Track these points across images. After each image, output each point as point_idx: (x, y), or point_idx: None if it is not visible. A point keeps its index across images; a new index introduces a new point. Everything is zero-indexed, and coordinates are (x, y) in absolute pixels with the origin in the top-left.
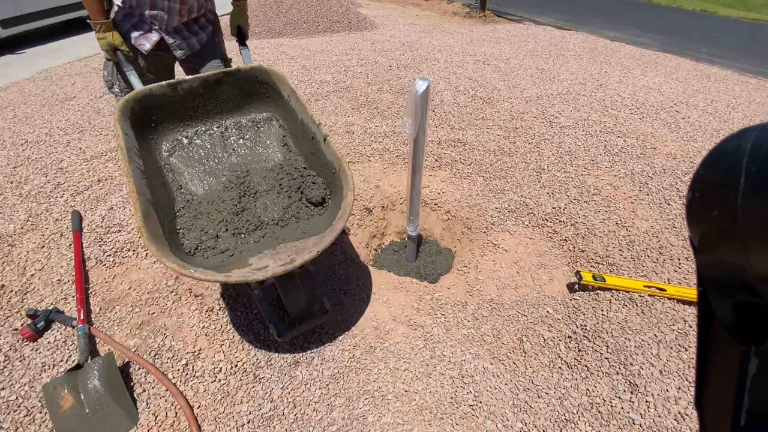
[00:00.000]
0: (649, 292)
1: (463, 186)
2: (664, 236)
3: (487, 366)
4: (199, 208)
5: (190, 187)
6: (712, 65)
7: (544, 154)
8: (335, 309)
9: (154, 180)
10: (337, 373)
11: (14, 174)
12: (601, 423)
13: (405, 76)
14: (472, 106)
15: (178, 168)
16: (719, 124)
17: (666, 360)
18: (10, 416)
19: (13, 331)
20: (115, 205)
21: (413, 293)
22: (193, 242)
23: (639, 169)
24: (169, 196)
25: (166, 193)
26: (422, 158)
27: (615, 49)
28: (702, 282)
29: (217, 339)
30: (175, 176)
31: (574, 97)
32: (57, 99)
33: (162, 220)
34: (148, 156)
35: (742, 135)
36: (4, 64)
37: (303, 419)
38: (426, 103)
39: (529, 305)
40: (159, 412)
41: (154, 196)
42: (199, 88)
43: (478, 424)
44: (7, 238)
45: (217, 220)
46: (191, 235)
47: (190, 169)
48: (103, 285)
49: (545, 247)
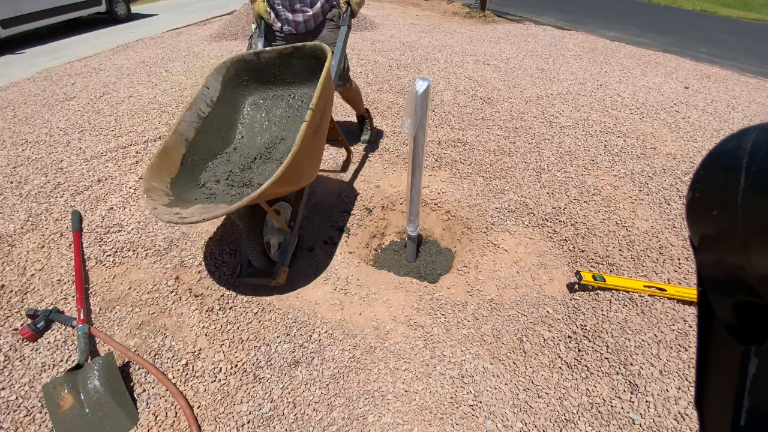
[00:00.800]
0: (649, 292)
1: (463, 186)
2: (664, 236)
3: (487, 366)
4: (229, 156)
5: (239, 138)
6: (712, 65)
7: (544, 154)
8: (335, 307)
9: (215, 125)
10: (337, 373)
11: (14, 174)
12: (601, 423)
13: (405, 76)
14: (472, 106)
15: (244, 121)
16: (719, 124)
17: (666, 360)
18: (10, 416)
19: (13, 331)
20: (115, 205)
21: (413, 293)
22: (204, 178)
23: (639, 169)
24: (225, 137)
25: (222, 134)
26: (422, 158)
27: (615, 49)
28: (702, 282)
29: (217, 339)
30: (239, 126)
31: (574, 97)
32: (57, 99)
33: (190, 154)
34: (226, 108)
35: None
36: (4, 64)
37: (303, 419)
38: (426, 103)
39: (529, 305)
40: (159, 412)
41: (201, 134)
42: (276, 59)
43: (478, 424)
44: (7, 238)
45: (227, 168)
46: (207, 174)
47: (250, 124)
48: (103, 285)
49: (545, 247)
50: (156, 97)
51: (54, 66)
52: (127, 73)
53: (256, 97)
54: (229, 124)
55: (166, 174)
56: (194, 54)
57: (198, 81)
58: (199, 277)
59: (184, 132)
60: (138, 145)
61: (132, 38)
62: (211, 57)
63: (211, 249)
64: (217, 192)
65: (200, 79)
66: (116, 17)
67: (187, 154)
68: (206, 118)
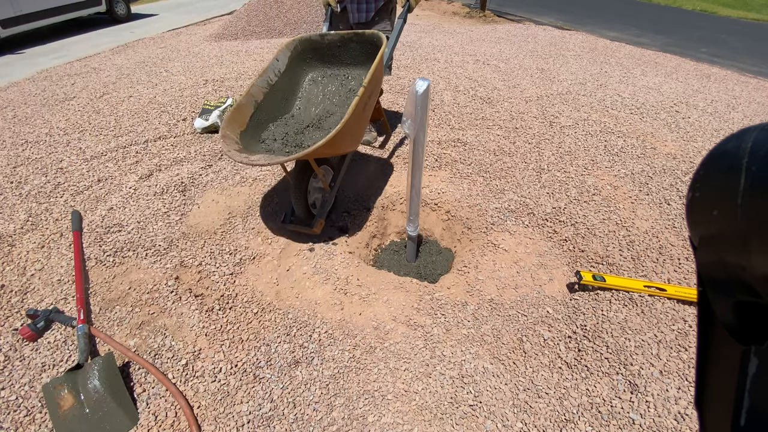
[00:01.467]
0: (649, 292)
1: (463, 186)
2: (664, 236)
3: (487, 366)
4: (287, 121)
5: (297, 108)
6: (712, 65)
7: (544, 154)
8: (335, 307)
9: (280, 93)
10: (337, 373)
11: (14, 174)
12: (601, 423)
13: (405, 76)
14: (472, 106)
15: (302, 93)
16: (719, 124)
17: (666, 360)
18: (10, 416)
19: (13, 331)
20: (115, 205)
21: (413, 293)
22: (264, 136)
23: (639, 169)
24: (285, 105)
25: (284, 102)
26: (422, 158)
27: (615, 49)
28: (702, 282)
29: (217, 339)
30: (301, 95)
31: (574, 97)
32: (57, 99)
33: (257, 114)
34: (291, 78)
35: (742, 135)
36: (4, 64)
37: (303, 419)
38: (426, 103)
39: (529, 305)
40: (159, 412)
41: (267, 99)
42: (337, 42)
43: (478, 424)
44: (7, 238)
45: (284, 131)
46: (267, 133)
47: (307, 97)
48: (103, 285)
49: (545, 247)
50: (156, 97)
51: (54, 66)
52: (127, 73)
53: (315, 74)
54: (290, 94)
55: (237, 126)
56: (194, 54)
57: (198, 81)
58: (199, 277)
59: (254, 94)
60: (138, 145)
61: (132, 38)
62: (211, 57)
63: (211, 249)
64: (274, 149)
65: (200, 79)
66: (116, 17)
67: (255, 113)
68: (273, 86)
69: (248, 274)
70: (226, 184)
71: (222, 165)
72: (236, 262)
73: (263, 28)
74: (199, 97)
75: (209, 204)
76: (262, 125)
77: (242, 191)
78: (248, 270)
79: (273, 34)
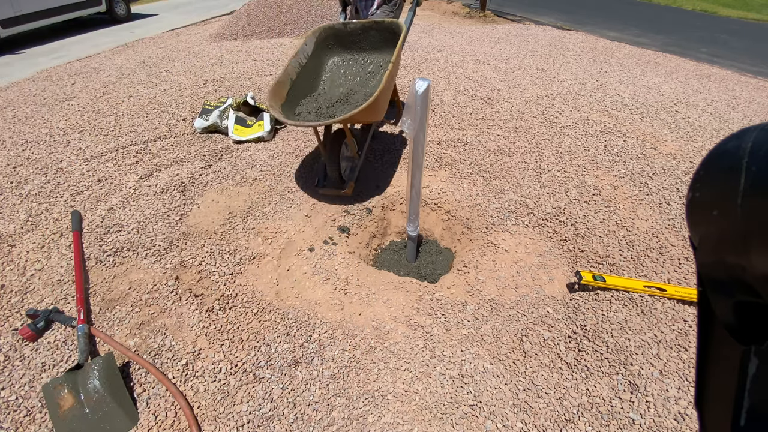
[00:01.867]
0: (649, 292)
1: (463, 186)
2: (664, 236)
3: (487, 366)
4: (316, 98)
5: (323, 87)
6: (712, 65)
7: (544, 154)
8: (335, 307)
9: (308, 74)
10: (337, 373)
11: (14, 174)
12: (601, 423)
13: (405, 76)
14: (472, 106)
15: (327, 75)
16: (719, 124)
17: (666, 360)
18: (10, 416)
19: (13, 331)
20: (115, 205)
21: (413, 293)
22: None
23: (639, 169)
24: (312, 84)
25: (311, 82)
26: (422, 158)
27: (615, 49)
28: (702, 282)
29: (217, 339)
30: (325, 77)
31: (574, 97)
32: (57, 99)
33: (291, 91)
34: (317, 61)
35: (742, 135)
36: (4, 64)
37: (303, 419)
38: (426, 103)
39: (529, 305)
40: (159, 412)
41: (299, 78)
42: (358, 29)
43: (478, 424)
44: (7, 238)
45: (316, 105)
46: (300, 108)
47: (331, 78)
48: (103, 285)
49: (545, 247)
50: (156, 97)
51: (54, 66)
52: (127, 73)
53: (337, 59)
54: (317, 74)
55: (278, 99)
56: (194, 54)
57: (198, 81)
58: (199, 277)
59: (290, 73)
60: (138, 145)
61: (132, 38)
62: (211, 57)
63: (211, 249)
64: (310, 120)
65: (200, 79)
66: (116, 17)
67: (291, 89)
68: (303, 67)
69: (248, 274)
70: (226, 184)
71: (222, 165)
72: (236, 262)
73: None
74: (199, 97)
75: (209, 204)
76: (295, 100)
77: (242, 191)
78: (248, 270)
79: (273, 34)
